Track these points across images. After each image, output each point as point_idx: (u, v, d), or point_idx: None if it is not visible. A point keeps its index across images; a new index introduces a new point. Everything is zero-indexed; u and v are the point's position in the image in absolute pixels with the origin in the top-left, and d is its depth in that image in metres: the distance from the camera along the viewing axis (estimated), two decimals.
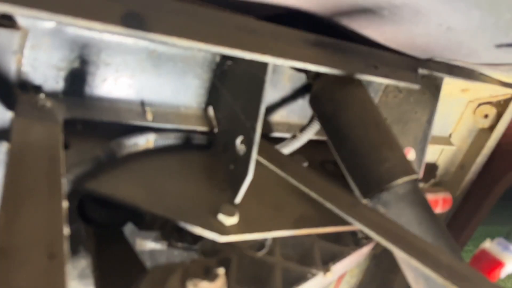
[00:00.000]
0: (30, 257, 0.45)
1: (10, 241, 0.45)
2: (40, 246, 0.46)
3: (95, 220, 0.84)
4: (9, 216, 0.48)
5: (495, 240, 1.18)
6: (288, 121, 1.09)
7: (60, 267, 0.45)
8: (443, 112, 1.47)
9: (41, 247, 0.46)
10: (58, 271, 0.44)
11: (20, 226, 0.48)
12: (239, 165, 0.81)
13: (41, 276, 0.43)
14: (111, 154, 0.75)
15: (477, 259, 1.15)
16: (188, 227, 0.75)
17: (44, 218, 0.50)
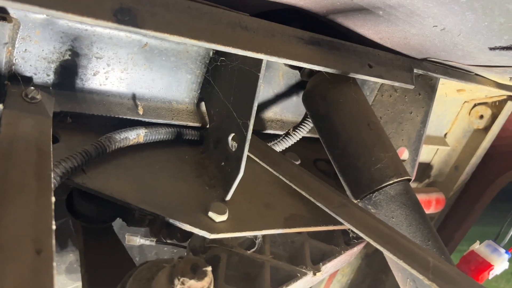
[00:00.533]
0: (17, 252, 0.44)
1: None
2: (28, 241, 0.46)
3: (84, 214, 0.84)
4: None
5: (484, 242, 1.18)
6: (281, 118, 1.09)
7: (47, 262, 0.45)
8: (438, 112, 1.47)
9: (29, 242, 0.46)
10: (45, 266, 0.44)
11: (8, 221, 0.47)
12: (231, 162, 0.80)
13: (28, 270, 0.43)
14: (101, 148, 0.74)
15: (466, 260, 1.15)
16: (177, 224, 0.74)
17: (32, 213, 0.50)
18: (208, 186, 0.84)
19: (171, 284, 0.59)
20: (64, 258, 1.03)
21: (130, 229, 0.91)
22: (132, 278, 0.66)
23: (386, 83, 0.90)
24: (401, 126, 1.12)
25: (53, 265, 0.44)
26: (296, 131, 0.98)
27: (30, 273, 0.42)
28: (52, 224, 0.49)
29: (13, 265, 0.42)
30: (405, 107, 1.12)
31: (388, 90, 1.16)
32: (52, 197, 0.53)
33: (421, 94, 1.08)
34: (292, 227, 0.86)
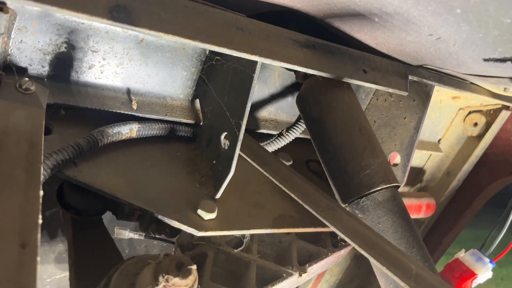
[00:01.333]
0: (2, 245, 0.45)
1: None
2: (13, 235, 0.46)
3: (73, 206, 0.84)
4: None
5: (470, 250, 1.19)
6: (276, 118, 1.09)
7: (31, 256, 0.45)
8: (433, 117, 1.48)
9: (14, 235, 0.46)
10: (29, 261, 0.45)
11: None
12: (222, 161, 0.81)
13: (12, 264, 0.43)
14: (93, 142, 0.75)
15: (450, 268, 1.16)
16: (166, 220, 0.75)
17: (19, 206, 0.50)
18: (199, 184, 0.84)
19: (155, 280, 0.60)
20: (53, 247, 1.04)
21: (119, 223, 0.92)
22: (118, 272, 0.67)
23: (380, 89, 0.90)
24: (394, 131, 1.13)
25: (37, 259, 0.45)
26: (290, 132, 0.98)
27: (14, 267, 0.43)
28: (39, 218, 0.49)
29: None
30: (399, 112, 1.13)
31: (383, 95, 1.17)
32: (40, 190, 0.53)
33: (416, 100, 1.09)
34: (281, 227, 0.87)
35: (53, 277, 1.06)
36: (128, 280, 0.65)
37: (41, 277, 1.03)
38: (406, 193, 1.57)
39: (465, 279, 1.12)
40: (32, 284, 0.42)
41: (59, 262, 1.04)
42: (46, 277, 1.04)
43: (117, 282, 0.65)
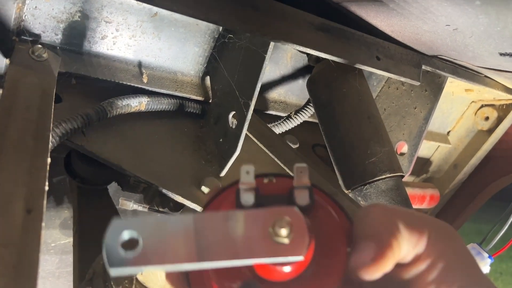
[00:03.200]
0: (8, 209, 0.46)
1: None
2: (19, 200, 0.47)
3: (80, 175, 0.86)
4: None
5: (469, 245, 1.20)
6: (285, 100, 1.09)
7: (37, 221, 0.46)
8: (444, 109, 1.46)
9: (20, 200, 0.47)
10: (34, 225, 0.46)
11: (2, 178, 0.49)
12: (229, 140, 0.81)
13: (18, 228, 0.44)
14: (102, 112, 0.75)
15: None
16: (170, 194, 0.76)
17: (26, 172, 0.51)
18: (205, 161, 0.85)
19: None
20: (59, 213, 1.06)
21: (124, 194, 0.93)
22: None
23: (393, 77, 0.89)
24: (403, 120, 1.12)
25: (41, 225, 0.46)
26: (298, 115, 0.98)
27: (19, 231, 0.44)
28: (45, 185, 0.50)
29: (2, 222, 0.43)
30: (410, 102, 1.12)
31: (395, 83, 1.16)
32: (48, 158, 0.54)
33: (428, 91, 1.07)
34: None
35: (57, 242, 1.09)
36: None
37: (46, 242, 1.06)
38: (411, 183, 1.57)
39: None
40: (36, 248, 0.43)
41: (64, 228, 1.06)
42: (50, 242, 1.06)
43: None
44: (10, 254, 0.41)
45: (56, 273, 1.15)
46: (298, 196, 0.36)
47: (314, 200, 0.36)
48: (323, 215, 0.37)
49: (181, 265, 0.31)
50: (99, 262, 0.67)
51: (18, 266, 0.40)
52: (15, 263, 0.40)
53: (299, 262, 0.33)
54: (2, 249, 0.41)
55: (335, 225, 0.37)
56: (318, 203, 0.37)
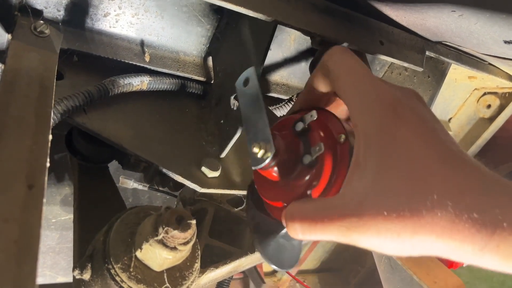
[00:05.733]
0: (10, 185, 0.46)
1: None
2: (21, 176, 0.48)
3: (81, 153, 0.86)
4: None
5: None
6: (287, 82, 1.09)
7: (38, 197, 0.47)
8: (446, 96, 1.46)
9: (22, 176, 0.48)
10: (36, 201, 0.46)
11: (3, 154, 0.49)
12: (230, 121, 0.81)
13: (19, 204, 0.45)
14: (104, 90, 0.75)
15: None
16: (170, 174, 0.76)
17: (28, 148, 0.51)
18: (205, 142, 0.85)
19: (155, 231, 0.62)
20: (60, 190, 1.07)
21: (125, 172, 0.94)
22: (119, 220, 0.69)
23: (395, 62, 0.89)
24: None
25: (43, 201, 0.46)
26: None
27: (20, 207, 0.44)
28: (47, 161, 0.51)
29: (4, 197, 0.44)
30: (413, 88, 1.11)
31: (398, 68, 1.15)
32: (49, 135, 0.54)
33: (430, 77, 1.07)
34: None
35: (58, 218, 1.10)
36: (129, 229, 0.68)
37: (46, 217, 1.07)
38: None
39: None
40: (37, 223, 0.43)
41: (64, 204, 1.07)
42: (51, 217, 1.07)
43: (118, 230, 0.68)
44: (11, 229, 0.41)
45: (57, 249, 1.16)
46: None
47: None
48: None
49: None
50: (99, 239, 0.68)
51: (19, 241, 0.41)
52: (16, 238, 0.41)
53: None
54: (3, 224, 0.41)
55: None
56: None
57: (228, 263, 0.82)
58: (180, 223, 0.63)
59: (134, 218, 0.69)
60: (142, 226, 0.66)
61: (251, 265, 0.92)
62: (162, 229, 0.62)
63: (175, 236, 0.62)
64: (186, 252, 0.67)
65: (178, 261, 0.67)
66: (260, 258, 0.90)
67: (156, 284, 0.64)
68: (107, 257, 0.64)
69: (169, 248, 0.62)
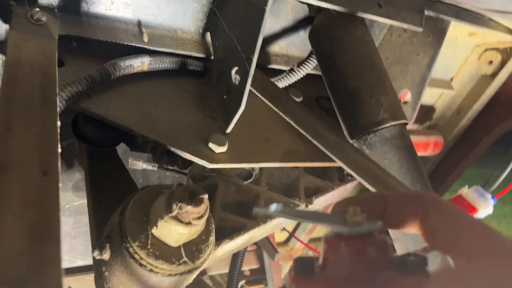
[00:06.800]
0: (24, 172, 0.47)
1: (5, 157, 0.47)
2: (34, 163, 0.49)
3: (88, 138, 0.87)
4: (3, 132, 0.50)
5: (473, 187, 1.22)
6: (287, 53, 1.08)
7: (53, 182, 0.48)
8: (447, 55, 1.45)
9: (35, 163, 0.49)
10: (51, 186, 0.47)
11: (15, 143, 0.50)
12: (232, 96, 0.81)
13: (35, 190, 0.46)
14: (106, 74, 0.76)
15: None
16: (178, 152, 0.77)
17: (38, 136, 0.52)
18: (210, 118, 0.86)
19: (169, 208, 0.64)
20: (70, 176, 1.09)
21: (133, 154, 0.95)
22: (133, 201, 0.70)
23: (395, 24, 0.88)
24: (406, 68, 1.12)
25: (59, 185, 0.47)
26: (301, 68, 0.98)
27: (37, 192, 0.45)
28: (58, 147, 0.52)
29: (20, 184, 0.45)
30: (413, 49, 1.11)
31: (397, 30, 1.14)
32: (57, 121, 0.55)
33: (430, 37, 1.06)
34: (289, 161, 0.89)
35: (71, 204, 1.12)
36: (143, 208, 0.69)
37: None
38: (415, 130, 1.57)
39: None
40: (56, 207, 0.44)
41: (76, 190, 1.09)
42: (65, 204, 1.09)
43: (133, 210, 0.69)
44: (31, 214, 0.42)
45: (72, 234, 1.19)
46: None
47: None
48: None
49: None
50: (115, 220, 0.70)
51: (40, 225, 0.42)
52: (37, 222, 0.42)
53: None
54: (24, 209, 0.42)
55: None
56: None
57: (242, 234, 0.84)
58: (192, 198, 0.64)
59: (147, 197, 0.70)
60: (155, 204, 0.67)
61: (264, 235, 0.94)
62: (175, 205, 0.63)
63: (189, 211, 0.63)
64: (201, 227, 0.68)
65: (193, 236, 0.69)
66: (272, 227, 0.92)
67: (174, 259, 0.66)
68: (124, 237, 0.66)
69: (184, 224, 0.64)
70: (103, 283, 0.72)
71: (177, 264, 0.66)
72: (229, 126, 0.82)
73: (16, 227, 0.40)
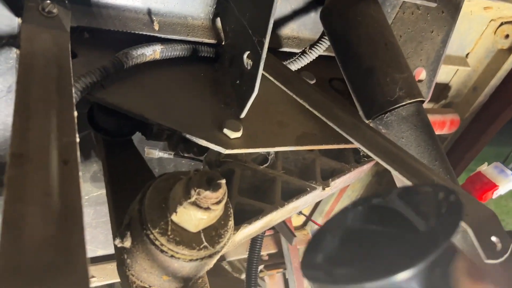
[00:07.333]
0: (44, 162, 0.48)
1: (25, 148, 0.48)
2: (54, 153, 0.49)
3: (104, 128, 0.88)
4: (23, 123, 0.51)
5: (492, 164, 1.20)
6: (298, 35, 1.07)
7: (74, 171, 0.48)
8: (462, 30, 1.42)
9: (55, 153, 0.49)
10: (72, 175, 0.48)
11: (33, 133, 0.50)
12: (245, 81, 0.81)
13: (57, 179, 0.46)
14: (119, 64, 0.76)
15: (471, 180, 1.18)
16: (194, 139, 0.78)
17: (56, 126, 0.53)
18: (223, 104, 0.86)
19: (187, 194, 0.64)
20: (88, 167, 1.10)
21: (149, 143, 0.95)
22: (151, 188, 0.71)
23: (407, 0, 0.86)
24: (420, 45, 1.10)
25: (79, 174, 0.48)
26: (313, 49, 0.97)
27: (58, 181, 0.46)
28: (76, 137, 0.52)
29: (41, 174, 0.45)
30: (427, 26, 1.09)
31: (410, 8, 1.12)
32: (74, 111, 0.56)
33: (445, 12, 1.04)
34: (304, 144, 0.89)
35: (90, 194, 1.14)
36: (162, 195, 0.70)
37: None
38: (430, 109, 1.56)
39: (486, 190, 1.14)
40: (78, 195, 0.45)
41: (94, 181, 1.10)
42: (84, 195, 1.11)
43: (151, 197, 0.70)
44: (54, 203, 0.43)
45: (93, 224, 1.21)
46: None
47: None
48: None
49: None
50: (134, 208, 0.70)
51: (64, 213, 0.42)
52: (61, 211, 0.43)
53: None
54: (46, 198, 0.43)
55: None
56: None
57: (260, 218, 0.84)
58: (210, 183, 0.65)
59: (165, 184, 0.70)
60: (174, 191, 0.68)
61: (282, 218, 0.95)
62: (194, 191, 0.63)
63: (207, 196, 0.63)
64: (219, 211, 0.69)
65: (212, 221, 0.69)
66: (290, 210, 0.93)
67: (194, 244, 0.66)
68: (144, 224, 0.67)
69: (202, 209, 0.64)
70: (125, 270, 0.73)
71: (198, 249, 0.66)
72: (243, 111, 0.82)
73: (40, 215, 0.41)
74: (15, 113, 0.51)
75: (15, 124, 0.50)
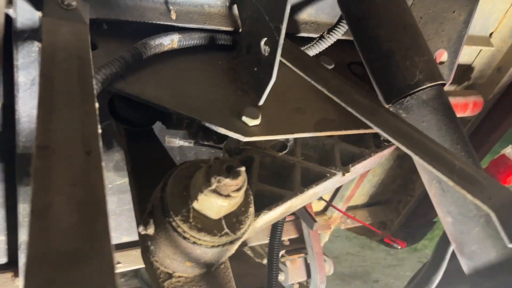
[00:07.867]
0: (68, 153, 0.49)
1: (49, 139, 0.49)
2: (77, 144, 0.50)
3: (125, 118, 0.89)
4: (46, 116, 0.52)
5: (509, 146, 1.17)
6: (316, 20, 1.06)
7: (96, 161, 0.50)
8: (485, 9, 1.38)
9: (78, 144, 0.51)
10: (95, 165, 0.49)
11: (57, 125, 0.52)
12: (263, 68, 0.81)
13: (80, 170, 0.47)
14: (137, 54, 0.77)
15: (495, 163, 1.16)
16: (213, 127, 0.78)
17: (78, 118, 0.54)
18: (241, 92, 0.86)
19: (208, 182, 0.65)
20: (111, 157, 1.12)
21: (169, 132, 0.97)
22: (173, 177, 0.72)
23: None
24: (442, 26, 1.07)
25: (102, 164, 0.49)
26: (331, 34, 0.96)
27: (81, 172, 0.47)
28: (98, 128, 0.53)
29: (65, 165, 0.46)
30: (448, 6, 1.06)
31: None
32: (95, 102, 0.57)
33: None
34: (323, 130, 0.89)
35: (114, 183, 1.16)
36: (183, 183, 0.71)
37: None
38: (452, 91, 1.52)
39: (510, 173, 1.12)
40: (101, 185, 0.46)
41: (117, 170, 1.12)
42: (107, 183, 1.13)
43: (173, 185, 0.71)
44: (79, 192, 0.44)
45: (117, 211, 1.24)
46: None
47: None
48: None
49: None
50: (156, 195, 0.72)
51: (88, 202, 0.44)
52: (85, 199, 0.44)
53: None
54: (71, 188, 0.44)
55: None
56: None
57: (280, 204, 0.85)
58: (230, 171, 0.65)
59: (186, 173, 0.71)
60: (195, 179, 0.69)
61: (302, 204, 0.95)
62: (214, 179, 0.64)
63: (227, 184, 0.64)
64: (240, 198, 0.69)
65: (233, 208, 0.70)
66: (310, 196, 0.93)
67: (216, 230, 0.67)
68: (166, 212, 0.68)
69: (223, 196, 0.65)
70: (149, 256, 0.75)
71: (219, 236, 0.67)
72: (261, 99, 0.82)
73: (65, 204, 0.42)
74: (39, 106, 0.53)
75: (39, 117, 0.52)
